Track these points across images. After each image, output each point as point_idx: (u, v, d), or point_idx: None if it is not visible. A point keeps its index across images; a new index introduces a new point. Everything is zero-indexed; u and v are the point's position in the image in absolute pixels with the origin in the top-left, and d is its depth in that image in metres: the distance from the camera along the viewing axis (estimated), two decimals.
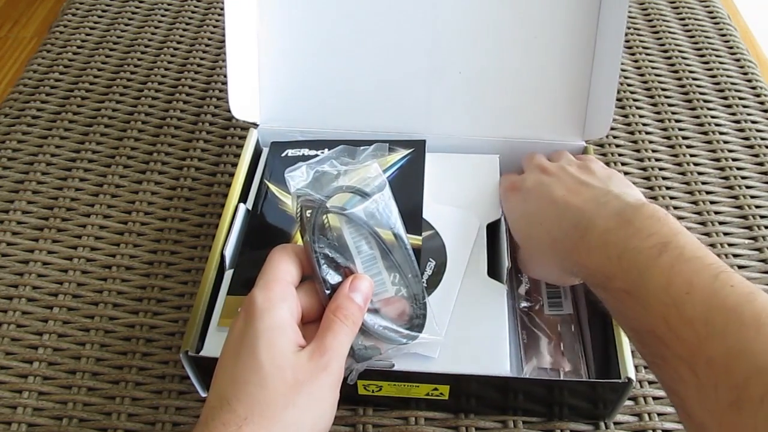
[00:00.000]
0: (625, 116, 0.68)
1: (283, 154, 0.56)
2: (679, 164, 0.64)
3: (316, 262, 0.39)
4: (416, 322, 0.42)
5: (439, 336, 0.43)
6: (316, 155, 0.55)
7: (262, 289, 0.37)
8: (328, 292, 0.39)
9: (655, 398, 0.49)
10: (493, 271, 0.48)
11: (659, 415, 0.48)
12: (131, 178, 0.63)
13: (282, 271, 0.39)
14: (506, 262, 0.47)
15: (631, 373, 0.42)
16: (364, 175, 0.42)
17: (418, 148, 0.55)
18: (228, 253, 0.49)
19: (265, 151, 0.58)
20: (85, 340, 0.52)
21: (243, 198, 0.53)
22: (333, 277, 0.40)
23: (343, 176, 0.42)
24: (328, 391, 0.36)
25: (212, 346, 0.45)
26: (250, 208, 0.53)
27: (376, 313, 0.41)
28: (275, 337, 0.36)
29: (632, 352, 0.43)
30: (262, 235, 0.51)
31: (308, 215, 0.40)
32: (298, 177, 0.41)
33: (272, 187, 0.54)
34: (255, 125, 0.58)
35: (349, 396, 0.46)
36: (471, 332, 0.45)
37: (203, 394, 0.49)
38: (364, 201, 0.41)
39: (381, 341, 0.41)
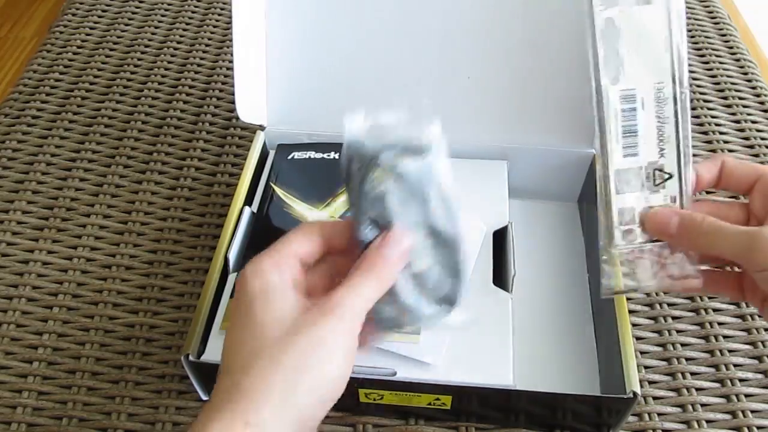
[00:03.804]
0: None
1: (290, 157, 0.56)
2: None
3: (356, 219, 0.36)
4: (448, 300, 0.38)
5: (461, 322, 0.39)
6: (323, 158, 0.56)
7: (252, 263, 0.35)
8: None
9: (655, 398, 0.49)
10: (499, 280, 0.48)
11: (659, 415, 0.48)
12: (131, 178, 0.63)
13: (286, 245, 0.36)
14: (512, 270, 0.47)
15: (636, 387, 0.42)
16: (424, 134, 0.38)
17: None
18: (232, 256, 0.49)
19: (271, 153, 0.58)
20: (85, 340, 0.52)
21: (248, 201, 0.53)
22: (372, 236, 0.36)
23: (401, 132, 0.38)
24: (339, 336, 0.32)
25: (214, 351, 0.45)
26: (254, 210, 0.53)
27: (407, 281, 0.37)
28: (270, 295, 0.33)
29: (638, 366, 0.43)
30: (267, 238, 0.51)
31: (356, 168, 0.36)
32: (356, 125, 0.37)
33: (278, 190, 0.54)
34: (262, 127, 0.58)
35: (350, 404, 0.46)
36: (475, 341, 0.44)
37: (204, 398, 0.49)
38: (418, 160, 0.37)
39: (406, 314, 0.37)
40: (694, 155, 0.64)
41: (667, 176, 0.41)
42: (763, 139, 0.66)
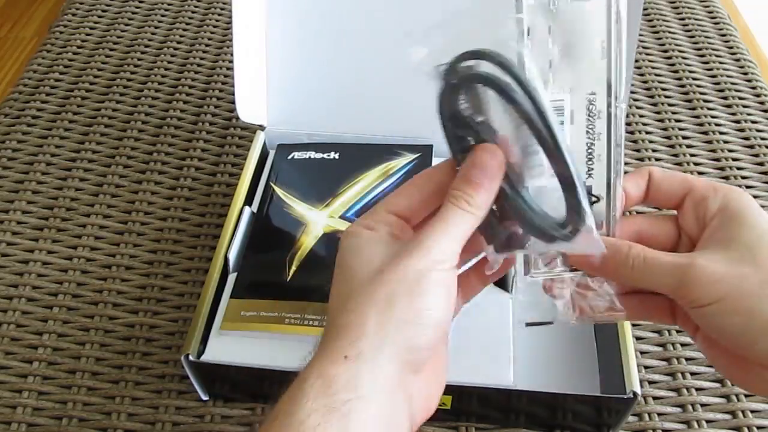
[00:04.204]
0: (626, 116, 0.68)
1: (290, 157, 0.56)
2: (679, 164, 0.64)
3: (450, 149, 0.34)
4: (569, 224, 0.33)
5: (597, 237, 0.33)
6: (323, 158, 0.56)
7: (349, 226, 0.34)
8: None
9: (655, 398, 0.49)
10: (499, 280, 0.48)
11: (659, 415, 0.48)
12: (131, 178, 0.63)
13: (380, 203, 0.34)
14: (512, 270, 0.47)
15: (636, 387, 0.42)
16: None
17: (425, 153, 0.55)
18: (232, 256, 0.49)
19: (271, 153, 0.58)
20: (85, 340, 0.52)
21: (248, 201, 0.53)
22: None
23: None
24: (425, 272, 0.31)
25: (214, 351, 0.45)
26: (254, 210, 0.53)
27: (521, 189, 0.33)
28: (361, 246, 0.33)
29: (638, 365, 0.43)
30: (267, 238, 0.51)
31: (453, 83, 0.33)
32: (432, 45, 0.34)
33: (278, 190, 0.54)
34: (262, 127, 0.58)
35: None
36: (474, 341, 0.44)
37: (204, 398, 0.49)
38: (513, 71, 0.31)
39: (523, 228, 0.33)
40: (693, 156, 0.65)
41: (594, 199, 0.35)
42: (763, 139, 0.66)
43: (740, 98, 0.70)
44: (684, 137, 0.66)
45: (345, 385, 0.29)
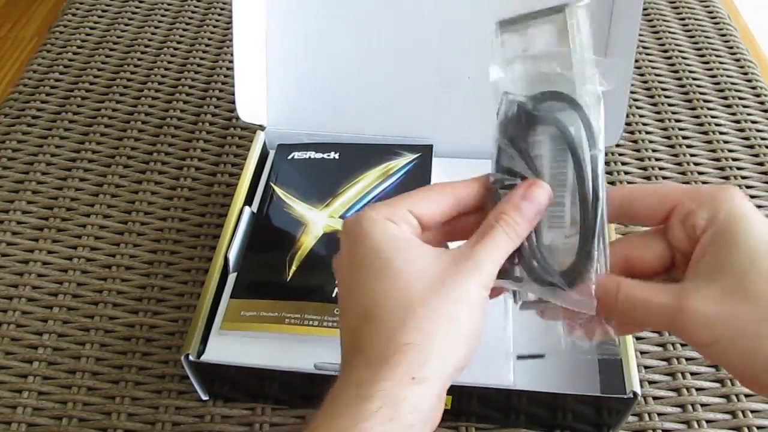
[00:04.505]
0: (626, 116, 0.68)
1: (290, 157, 0.56)
2: (679, 164, 0.64)
3: (495, 165, 0.35)
4: (573, 273, 0.34)
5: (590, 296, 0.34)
6: (323, 158, 0.56)
7: (362, 214, 0.33)
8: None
9: (655, 398, 0.49)
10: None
11: (659, 415, 0.48)
12: (131, 178, 0.63)
13: (404, 198, 0.34)
14: None
15: (636, 387, 0.42)
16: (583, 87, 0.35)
17: (425, 153, 0.55)
18: (232, 256, 0.49)
19: (271, 153, 0.58)
20: (85, 340, 0.52)
21: (248, 201, 0.53)
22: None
23: (560, 81, 0.35)
24: (482, 289, 0.31)
25: (214, 351, 0.45)
26: (254, 210, 0.53)
27: (538, 242, 0.34)
28: (402, 245, 0.32)
29: (638, 365, 0.43)
30: (267, 238, 0.51)
31: (508, 114, 0.35)
32: (513, 77, 0.35)
33: (278, 190, 0.54)
34: (262, 127, 0.58)
35: None
36: None
37: (204, 397, 0.49)
38: (573, 114, 0.34)
39: (523, 267, 0.35)
40: (693, 156, 0.65)
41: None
42: (763, 139, 0.66)
43: (740, 98, 0.70)
44: (684, 137, 0.66)
45: (412, 409, 0.29)
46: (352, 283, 0.33)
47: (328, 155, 0.56)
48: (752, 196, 0.61)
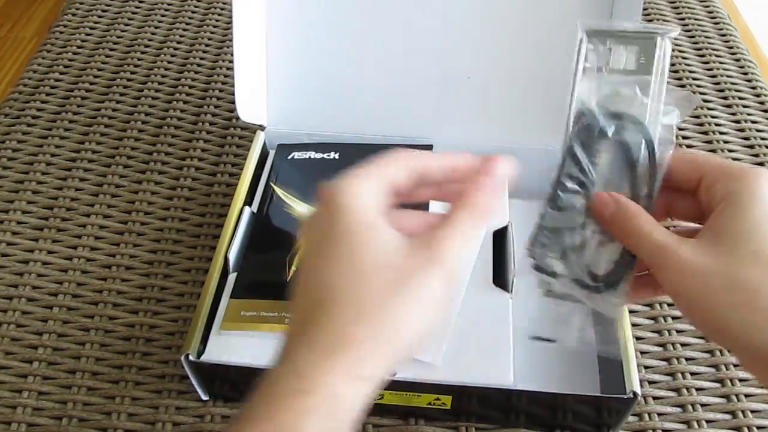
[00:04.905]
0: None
1: (290, 157, 0.56)
2: None
3: (561, 181, 0.36)
4: (609, 279, 0.36)
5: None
6: (323, 158, 0.56)
7: (346, 184, 0.33)
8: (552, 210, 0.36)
9: (655, 398, 0.49)
10: (499, 280, 0.48)
11: (659, 415, 0.48)
12: (131, 178, 0.63)
13: (382, 168, 0.35)
14: (512, 271, 0.47)
15: (636, 387, 0.42)
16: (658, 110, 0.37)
17: None
18: (232, 256, 0.49)
19: (271, 153, 0.58)
20: (85, 340, 0.52)
21: (248, 201, 0.53)
22: (567, 198, 0.36)
23: (636, 104, 0.37)
24: (439, 286, 0.31)
25: (214, 351, 0.45)
26: (254, 210, 0.53)
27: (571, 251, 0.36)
28: (371, 230, 0.32)
29: (638, 365, 0.43)
30: (267, 238, 0.51)
31: (581, 129, 0.37)
32: (589, 87, 0.38)
33: (278, 190, 0.54)
34: (262, 127, 0.58)
35: None
36: (474, 341, 0.44)
37: (204, 398, 0.49)
38: (639, 134, 0.36)
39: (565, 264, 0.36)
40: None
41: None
42: (763, 139, 0.66)
43: (740, 98, 0.70)
44: (684, 137, 0.66)
45: (350, 407, 0.29)
46: (316, 262, 0.32)
47: (328, 155, 0.56)
48: None
